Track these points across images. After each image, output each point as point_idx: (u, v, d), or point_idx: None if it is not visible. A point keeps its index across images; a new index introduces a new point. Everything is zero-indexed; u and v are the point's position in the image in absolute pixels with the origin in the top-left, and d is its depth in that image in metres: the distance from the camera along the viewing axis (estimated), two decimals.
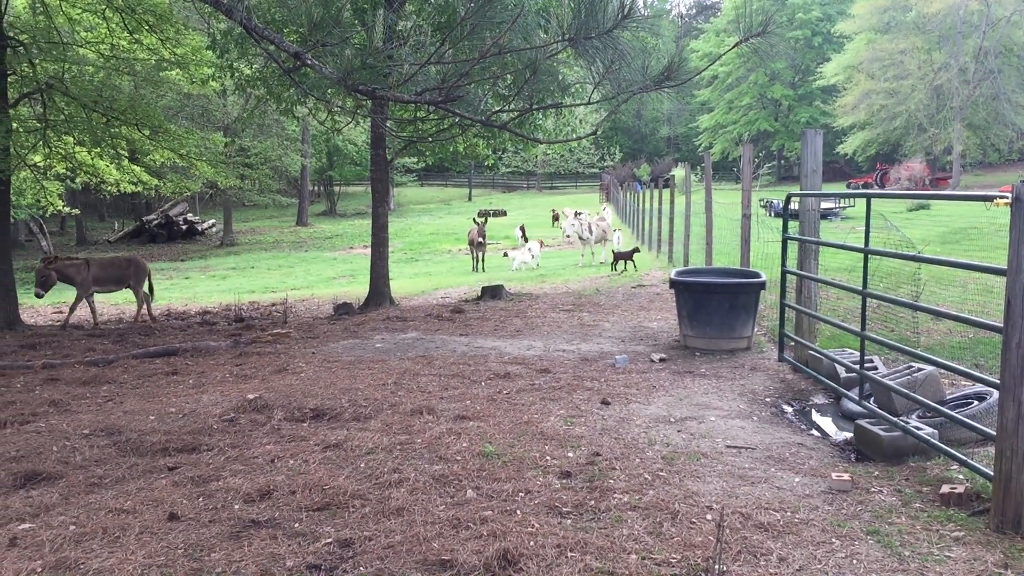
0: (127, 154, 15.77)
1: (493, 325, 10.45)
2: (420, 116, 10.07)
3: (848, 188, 48.18)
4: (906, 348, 5.36)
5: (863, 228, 5.80)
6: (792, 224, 7.60)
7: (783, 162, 67.97)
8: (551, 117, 14.07)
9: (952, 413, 4.62)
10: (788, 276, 7.43)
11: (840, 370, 6.39)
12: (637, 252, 18.27)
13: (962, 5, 48.55)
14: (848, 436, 5.42)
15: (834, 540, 3.68)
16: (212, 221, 44.14)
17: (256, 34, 4.87)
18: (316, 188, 58.26)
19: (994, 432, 3.91)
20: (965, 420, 4.42)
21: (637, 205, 27.04)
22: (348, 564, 3.51)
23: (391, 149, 14.35)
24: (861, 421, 5.20)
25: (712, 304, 8.11)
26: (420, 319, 11.30)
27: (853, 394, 5.88)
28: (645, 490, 4.29)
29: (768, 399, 6.42)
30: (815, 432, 5.70)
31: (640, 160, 68.96)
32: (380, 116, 10.65)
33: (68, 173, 16.28)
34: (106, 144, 13.94)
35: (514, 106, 5.89)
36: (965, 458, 4.29)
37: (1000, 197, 4.64)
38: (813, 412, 6.27)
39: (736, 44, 4.98)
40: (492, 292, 13.70)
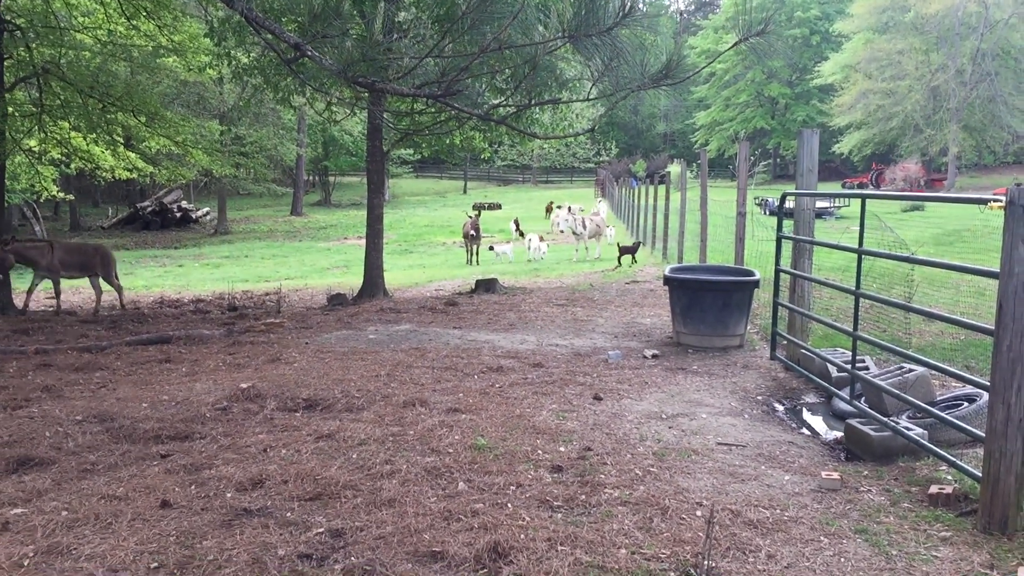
0: (122, 140, 15.71)
1: (487, 318, 10.46)
2: (418, 108, 10.05)
3: (844, 188, 48.34)
4: (898, 349, 5.39)
5: (857, 228, 5.82)
6: (787, 223, 7.63)
7: (779, 160, 68.01)
8: (548, 112, 14.04)
9: (942, 414, 4.66)
10: (782, 275, 7.46)
11: (832, 369, 6.42)
12: (640, 246, 18.33)
13: (960, 7, 48.67)
14: (838, 435, 5.45)
15: (822, 538, 3.71)
16: (206, 209, 43.90)
17: (256, 23, 4.86)
18: (311, 178, 58.03)
19: (983, 434, 3.95)
20: (955, 421, 4.45)
21: (632, 201, 27.05)
22: (339, 554, 3.53)
23: (387, 140, 14.30)
24: (851, 421, 5.23)
25: (706, 301, 8.14)
26: (414, 311, 11.31)
27: (844, 394, 5.91)
28: (636, 485, 4.31)
29: (760, 397, 6.45)
30: (806, 431, 5.73)
31: (636, 156, 68.93)
32: (378, 107, 10.62)
33: (63, 158, 16.19)
34: (102, 130, 13.87)
35: (512, 101, 5.89)
36: (954, 459, 4.32)
37: (994, 200, 4.67)
38: (804, 411, 6.30)
39: (736, 43, 4.99)
40: (486, 285, 13.70)
